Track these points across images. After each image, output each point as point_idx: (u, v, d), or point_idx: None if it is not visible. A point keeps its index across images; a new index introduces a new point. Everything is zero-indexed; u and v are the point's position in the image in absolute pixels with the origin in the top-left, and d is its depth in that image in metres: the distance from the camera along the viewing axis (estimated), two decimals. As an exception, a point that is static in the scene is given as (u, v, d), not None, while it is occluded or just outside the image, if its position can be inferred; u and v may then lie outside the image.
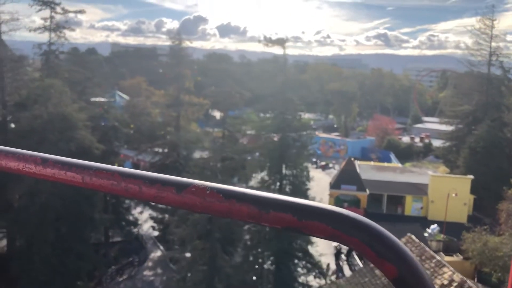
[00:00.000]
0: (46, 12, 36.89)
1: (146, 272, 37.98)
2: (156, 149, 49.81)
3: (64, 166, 0.92)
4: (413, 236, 30.64)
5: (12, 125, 35.73)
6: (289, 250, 28.01)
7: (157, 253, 41.12)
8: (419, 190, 51.99)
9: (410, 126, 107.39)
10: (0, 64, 34.68)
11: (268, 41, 31.55)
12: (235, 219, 0.75)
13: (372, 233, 0.67)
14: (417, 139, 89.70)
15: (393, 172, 58.65)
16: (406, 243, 29.90)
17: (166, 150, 49.34)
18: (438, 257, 24.88)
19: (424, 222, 47.54)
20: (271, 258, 28.21)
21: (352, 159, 68.27)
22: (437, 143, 78.54)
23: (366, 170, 56.55)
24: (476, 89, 59.52)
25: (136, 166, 54.99)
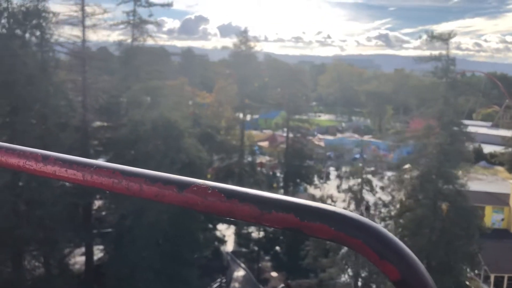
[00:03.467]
0: (129, 6, 32.99)
1: (237, 295, 34.29)
2: (219, 155, 46.01)
3: (65, 163, 0.91)
4: None
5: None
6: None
7: (239, 272, 37.39)
8: (499, 200, 48.69)
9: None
10: (82, 63, 30.85)
11: (431, 36, 27.65)
12: (236, 219, 0.75)
13: (374, 234, 0.67)
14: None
15: (461, 180, 55.30)
16: None
17: (222, 156, 45.50)
18: None
19: (506, 234, 44.59)
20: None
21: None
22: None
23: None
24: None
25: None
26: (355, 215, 0.68)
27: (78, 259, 33.07)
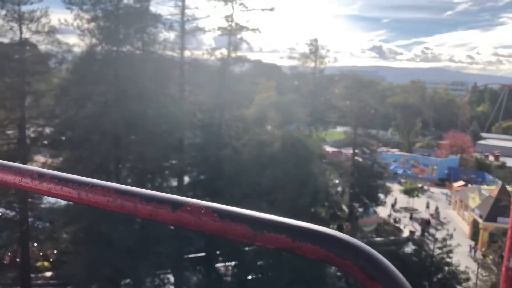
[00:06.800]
0: (228, 9, 29.51)
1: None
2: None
3: (61, 181, 0.93)
4: None
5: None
6: None
7: None
8: None
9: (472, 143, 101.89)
10: (180, 73, 27.39)
11: None
12: (229, 239, 0.76)
13: (364, 255, 0.68)
14: (491, 158, 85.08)
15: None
16: None
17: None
18: None
19: None
20: None
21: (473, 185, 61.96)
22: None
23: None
24: None
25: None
26: (346, 236, 0.69)
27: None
